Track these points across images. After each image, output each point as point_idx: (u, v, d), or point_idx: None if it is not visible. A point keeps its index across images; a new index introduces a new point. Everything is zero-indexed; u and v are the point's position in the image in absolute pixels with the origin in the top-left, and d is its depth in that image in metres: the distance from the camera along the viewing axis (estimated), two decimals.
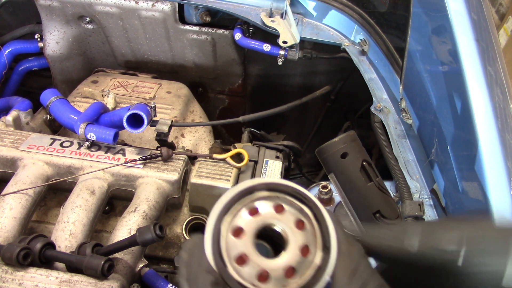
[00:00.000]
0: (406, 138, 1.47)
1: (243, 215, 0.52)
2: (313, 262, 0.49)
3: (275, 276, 0.49)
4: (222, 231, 0.50)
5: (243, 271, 0.49)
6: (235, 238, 0.50)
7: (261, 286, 0.48)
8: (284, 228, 0.51)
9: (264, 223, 0.52)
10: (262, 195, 0.53)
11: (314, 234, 0.51)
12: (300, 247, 0.50)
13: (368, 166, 0.93)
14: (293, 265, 0.49)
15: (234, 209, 0.52)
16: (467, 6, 1.22)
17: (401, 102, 1.48)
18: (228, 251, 0.50)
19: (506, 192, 0.99)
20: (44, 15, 1.97)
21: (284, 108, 1.85)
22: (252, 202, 0.53)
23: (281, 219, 0.52)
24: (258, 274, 0.49)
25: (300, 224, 0.51)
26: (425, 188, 1.35)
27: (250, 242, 0.50)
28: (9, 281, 1.01)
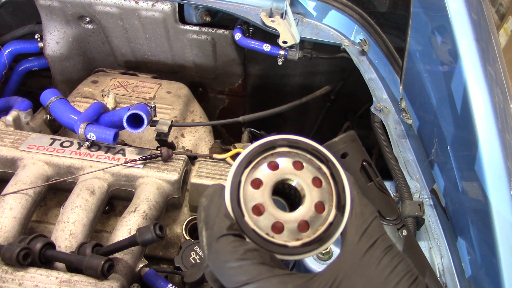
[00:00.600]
0: (406, 138, 1.47)
1: (263, 168, 0.54)
2: (327, 219, 0.52)
3: (289, 228, 0.51)
4: (242, 181, 0.52)
5: (259, 220, 0.51)
6: (253, 189, 0.52)
7: (274, 236, 0.50)
8: (301, 184, 0.53)
9: (282, 177, 0.53)
10: (283, 150, 0.55)
11: (330, 192, 0.53)
12: (315, 203, 0.52)
13: (368, 166, 0.92)
14: (307, 220, 0.51)
15: (255, 162, 0.54)
16: (467, 6, 1.22)
17: (401, 102, 1.48)
18: (246, 200, 0.52)
19: (506, 192, 0.99)
20: (44, 15, 1.97)
21: (284, 108, 1.85)
22: (272, 157, 0.54)
23: (299, 175, 0.53)
24: (272, 224, 0.51)
25: (317, 182, 0.53)
26: (425, 188, 1.35)
27: (268, 194, 0.52)
28: (9, 281, 1.01)
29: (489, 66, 1.15)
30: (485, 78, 1.12)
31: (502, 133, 1.06)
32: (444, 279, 1.15)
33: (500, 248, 0.96)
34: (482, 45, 1.18)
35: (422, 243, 1.22)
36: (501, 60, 1.25)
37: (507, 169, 1.01)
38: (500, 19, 3.86)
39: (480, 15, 1.27)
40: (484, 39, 1.21)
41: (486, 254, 1.01)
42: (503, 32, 3.75)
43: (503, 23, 3.78)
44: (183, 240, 1.38)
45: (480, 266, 1.04)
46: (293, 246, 0.51)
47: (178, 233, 1.41)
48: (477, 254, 1.05)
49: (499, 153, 1.03)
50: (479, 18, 1.25)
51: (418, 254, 0.96)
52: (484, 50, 1.17)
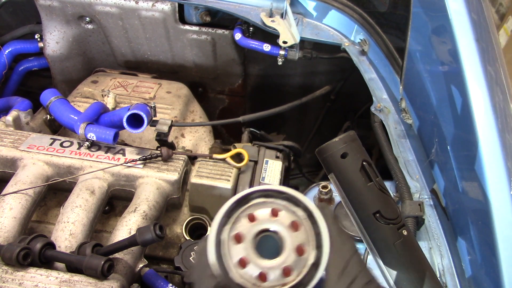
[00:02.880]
0: (406, 138, 1.47)
1: (242, 222, 0.56)
2: (307, 261, 0.53)
3: (273, 275, 0.53)
4: (224, 239, 0.55)
5: (245, 273, 0.53)
6: (236, 244, 0.55)
7: (261, 285, 0.53)
8: (280, 230, 0.55)
9: (261, 228, 0.56)
10: (258, 201, 0.57)
11: (308, 234, 0.55)
12: (295, 247, 0.54)
13: (368, 166, 0.92)
14: (290, 265, 0.53)
15: (234, 217, 0.56)
16: (467, 6, 1.22)
17: (401, 102, 1.48)
18: (230, 256, 0.54)
19: (506, 192, 0.99)
20: (44, 15, 1.97)
21: (284, 108, 1.85)
22: (250, 209, 0.57)
23: (276, 222, 0.56)
24: (258, 274, 0.53)
25: (294, 226, 0.55)
26: (425, 188, 1.35)
27: (250, 246, 0.55)
28: (9, 281, 1.01)
29: (489, 66, 1.15)
30: (485, 78, 1.12)
31: (502, 133, 1.06)
32: (444, 279, 1.15)
33: (500, 248, 0.96)
34: (482, 45, 1.18)
35: (422, 243, 1.22)
36: (501, 60, 1.25)
37: (507, 169, 1.01)
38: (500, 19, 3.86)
39: (480, 15, 1.27)
40: (484, 39, 1.21)
41: (486, 254, 1.01)
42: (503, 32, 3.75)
43: (503, 23, 3.78)
44: (183, 240, 1.38)
45: (480, 266, 1.04)
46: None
47: (178, 233, 1.41)
48: (477, 254, 1.05)
49: (499, 153, 1.03)
50: (479, 18, 1.25)
51: (418, 254, 0.96)
52: (484, 50, 1.17)
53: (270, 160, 1.52)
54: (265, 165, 1.50)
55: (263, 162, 1.52)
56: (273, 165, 1.51)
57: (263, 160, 1.52)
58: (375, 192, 0.93)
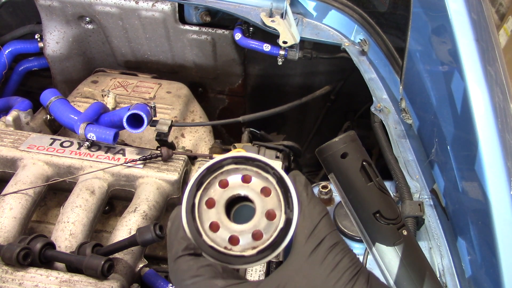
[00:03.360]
0: (406, 138, 1.47)
1: (215, 187, 0.58)
2: (278, 225, 0.55)
3: (244, 239, 0.55)
4: (196, 203, 0.56)
5: (216, 236, 0.55)
6: (208, 208, 0.57)
7: (232, 248, 0.55)
8: (251, 195, 0.57)
9: (233, 193, 0.58)
10: (230, 167, 0.59)
11: (278, 199, 0.56)
12: (266, 212, 0.56)
13: (368, 166, 0.92)
14: (260, 229, 0.55)
15: (206, 183, 0.58)
16: (467, 6, 1.22)
17: (401, 102, 1.48)
18: (202, 220, 0.56)
19: (506, 192, 0.99)
20: (44, 15, 1.97)
21: (284, 108, 1.85)
22: (222, 175, 0.59)
23: (248, 188, 0.57)
24: (229, 238, 0.55)
25: (265, 191, 0.57)
26: (425, 188, 1.35)
27: (222, 211, 0.56)
28: (9, 281, 1.01)
29: (489, 66, 1.15)
30: (485, 78, 1.12)
31: (502, 133, 1.06)
32: (444, 279, 1.15)
33: (500, 248, 0.96)
34: (482, 45, 1.18)
35: (422, 243, 1.22)
36: (501, 60, 1.25)
37: (507, 169, 1.01)
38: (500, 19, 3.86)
39: (480, 15, 1.27)
40: (484, 39, 1.21)
41: (486, 254, 1.01)
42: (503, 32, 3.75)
43: (503, 23, 3.78)
44: None
45: (480, 266, 1.04)
46: (250, 255, 0.54)
47: None
48: (477, 254, 1.05)
49: (499, 153, 1.03)
50: (479, 18, 1.25)
51: (418, 254, 0.96)
52: (484, 50, 1.17)
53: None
54: None
55: None
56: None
57: None
58: (375, 192, 0.93)
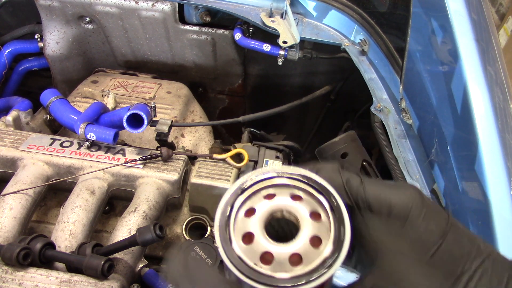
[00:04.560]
0: (406, 138, 1.47)
1: (259, 197, 0.52)
2: (322, 254, 0.48)
3: (279, 260, 0.47)
4: (235, 207, 0.50)
5: (248, 249, 0.48)
6: (246, 217, 0.50)
7: (261, 266, 0.47)
8: (298, 216, 0.50)
9: (277, 208, 0.51)
10: (282, 181, 0.52)
11: (328, 226, 0.50)
12: (310, 237, 0.48)
13: (368, 166, 0.93)
14: (300, 253, 0.48)
15: (251, 190, 0.52)
16: (467, 6, 1.22)
17: (401, 102, 1.48)
18: (236, 227, 0.50)
19: (506, 192, 0.99)
20: (44, 15, 1.97)
21: (284, 108, 1.85)
22: (270, 188, 0.52)
23: (296, 207, 0.51)
24: (262, 255, 0.48)
25: (315, 215, 0.50)
26: (425, 188, 1.35)
27: (260, 224, 0.50)
28: (9, 281, 1.01)
29: (489, 66, 1.15)
30: (485, 78, 1.12)
31: (502, 133, 1.06)
32: None
33: (500, 248, 0.96)
34: (482, 45, 1.18)
35: None
36: (501, 60, 1.25)
37: (507, 169, 1.01)
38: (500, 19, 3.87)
39: (480, 15, 1.27)
40: (484, 39, 1.21)
41: None
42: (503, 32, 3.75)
43: (503, 23, 3.78)
44: (183, 240, 1.38)
45: None
46: (281, 278, 0.47)
47: (178, 233, 1.41)
48: None
49: (499, 153, 1.03)
50: (479, 18, 1.25)
51: None
52: (484, 50, 1.17)
53: (270, 160, 1.52)
54: (265, 165, 1.50)
55: (263, 162, 1.52)
56: (273, 165, 1.51)
57: (263, 160, 1.52)
58: None
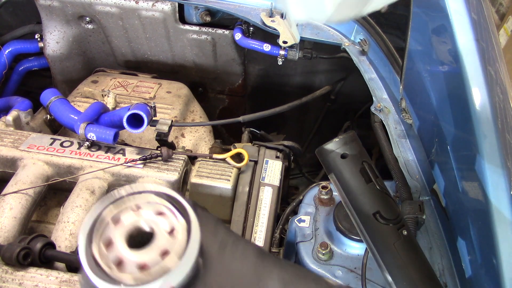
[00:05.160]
0: (406, 138, 1.47)
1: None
2: (166, 265, 0.54)
3: (152, 263, 0.54)
4: (95, 252, 0.54)
5: (125, 270, 0.54)
6: (108, 249, 0.55)
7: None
8: (147, 222, 0.57)
9: (128, 226, 0.57)
10: (152, 199, 0.59)
11: (179, 243, 0.56)
12: (161, 249, 0.55)
13: (368, 166, 0.93)
14: (146, 261, 0.54)
15: (122, 202, 0.58)
16: (467, 6, 1.22)
17: (401, 102, 1.48)
18: (108, 263, 0.54)
19: (506, 192, 0.99)
20: (44, 15, 1.97)
21: (284, 108, 1.85)
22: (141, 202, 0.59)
23: (157, 221, 0.57)
24: (138, 266, 0.54)
25: (171, 231, 0.57)
26: (425, 188, 1.35)
27: (122, 246, 0.55)
28: (9, 281, 1.01)
29: (489, 66, 1.15)
30: (485, 78, 1.12)
31: (502, 133, 1.06)
32: (444, 279, 1.15)
33: (500, 248, 0.96)
34: (482, 45, 1.18)
35: (422, 243, 1.22)
36: (501, 60, 1.25)
37: (507, 169, 1.01)
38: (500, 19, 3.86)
39: (480, 15, 1.27)
40: (484, 39, 1.21)
41: (486, 254, 1.01)
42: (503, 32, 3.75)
43: (503, 23, 3.78)
44: None
45: (480, 266, 1.04)
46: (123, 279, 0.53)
47: None
48: (477, 254, 1.05)
49: (499, 153, 1.03)
50: (479, 18, 1.25)
51: (418, 254, 0.96)
52: (484, 50, 1.17)
53: (270, 160, 1.52)
54: (265, 165, 1.50)
55: (263, 162, 1.52)
56: (273, 165, 1.51)
57: (263, 160, 1.52)
58: (375, 192, 0.93)
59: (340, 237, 1.23)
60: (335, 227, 1.24)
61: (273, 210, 1.37)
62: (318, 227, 1.28)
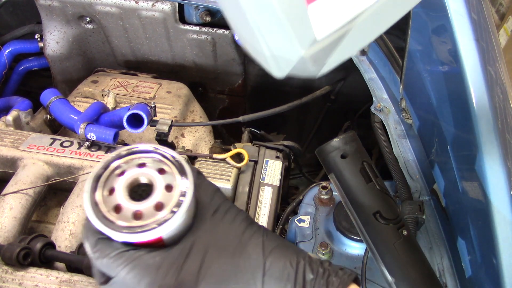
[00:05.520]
0: (406, 138, 1.47)
1: (114, 177, 0.63)
2: (158, 216, 0.60)
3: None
4: (98, 199, 0.60)
5: (121, 216, 0.59)
6: (109, 196, 0.61)
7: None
8: (149, 177, 0.62)
9: (142, 175, 0.63)
10: (156, 157, 0.65)
11: (173, 174, 0.62)
12: (156, 202, 0.60)
13: (368, 166, 0.93)
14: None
15: (105, 177, 0.63)
16: (467, 6, 1.22)
17: (401, 102, 1.48)
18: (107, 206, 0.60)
19: (506, 192, 0.99)
20: (44, 15, 1.97)
21: (284, 108, 1.85)
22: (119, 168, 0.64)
23: (156, 177, 0.62)
24: (133, 214, 0.59)
25: (168, 187, 0.62)
26: (425, 188, 1.35)
27: (122, 194, 0.61)
28: (9, 281, 1.01)
29: (489, 66, 1.15)
30: (485, 78, 1.12)
31: (502, 133, 1.06)
32: (444, 279, 1.15)
33: (500, 248, 0.96)
34: (482, 45, 1.18)
35: (422, 243, 1.22)
36: (501, 60, 1.25)
37: (507, 169, 1.01)
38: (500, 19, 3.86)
39: (480, 15, 1.27)
40: (484, 39, 1.21)
41: (486, 254, 1.01)
42: (503, 32, 3.75)
43: (503, 23, 3.78)
44: None
45: (480, 266, 1.04)
46: (120, 225, 0.58)
47: None
48: (477, 254, 1.05)
49: (499, 153, 1.03)
50: (479, 18, 1.25)
51: (418, 254, 0.96)
52: (484, 50, 1.17)
53: (270, 160, 1.52)
54: (265, 165, 1.50)
55: (263, 162, 1.52)
56: (273, 165, 1.51)
57: (263, 160, 1.52)
58: (375, 192, 0.93)
59: (340, 237, 1.23)
60: (335, 227, 1.24)
61: (273, 210, 1.37)
62: (318, 227, 1.28)
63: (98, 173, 0.62)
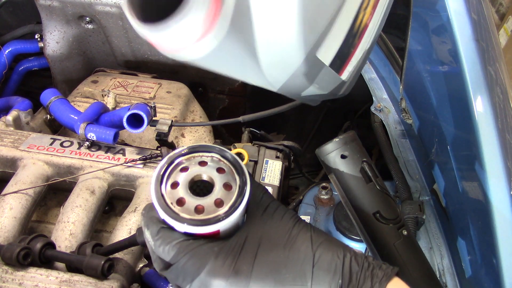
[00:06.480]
0: (406, 138, 1.47)
1: (177, 173, 0.68)
2: (218, 212, 0.64)
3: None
4: (163, 190, 0.65)
5: (184, 209, 0.64)
6: (172, 189, 0.66)
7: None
8: (209, 175, 0.67)
9: (193, 174, 0.67)
10: (216, 156, 0.69)
11: (232, 174, 0.68)
12: (223, 184, 0.66)
13: (368, 166, 0.93)
14: (204, 206, 0.64)
15: (169, 171, 0.67)
16: (467, 6, 1.22)
17: (401, 102, 1.48)
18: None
19: (506, 192, 0.99)
20: (44, 15, 1.97)
21: (284, 108, 1.85)
22: (182, 163, 0.68)
23: (205, 170, 0.67)
24: (195, 208, 0.64)
25: (220, 170, 0.67)
26: (425, 188, 1.35)
27: (185, 189, 0.65)
28: (9, 281, 1.01)
29: (489, 66, 1.15)
30: (485, 78, 1.12)
31: (502, 133, 1.06)
32: (444, 279, 1.15)
33: (500, 248, 0.96)
34: (482, 45, 1.18)
35: (422, 243, 1.22)
36: (501, 60, 1.25)
37: (507, 169, 1.01)
38: (500, 19, 3.86)
39: (480, 15, 1.27)
40: (484, 39, 1.21)
41: (486, 254, 1.01)
42: (503, 32, 3.75)
43: (503, 23, 3.78)
44: None
45: (480, 266, 1.04)
46: (183, 216, 0.63)
47: None
48: (477, 254, 1.05)
49: (499, 153, 1.03)
50: (479, 18, 1.25)
51: (418, 254, 0.96)
52: (484, 50, 1.17)
53: (270, 160, 1.52)
54: (265, 165, 1.50)
55: (263, 162, 1.52)
56: (273, 165, 1.51)
57: (263, 160, 1.52)
58: (375, 192, 0.93)
59: (340, 237, 1.23)
60: (335, 227, 1.24)
61: None
62: (318, 227, 1.28)
63: (164, 168, 0.67)
